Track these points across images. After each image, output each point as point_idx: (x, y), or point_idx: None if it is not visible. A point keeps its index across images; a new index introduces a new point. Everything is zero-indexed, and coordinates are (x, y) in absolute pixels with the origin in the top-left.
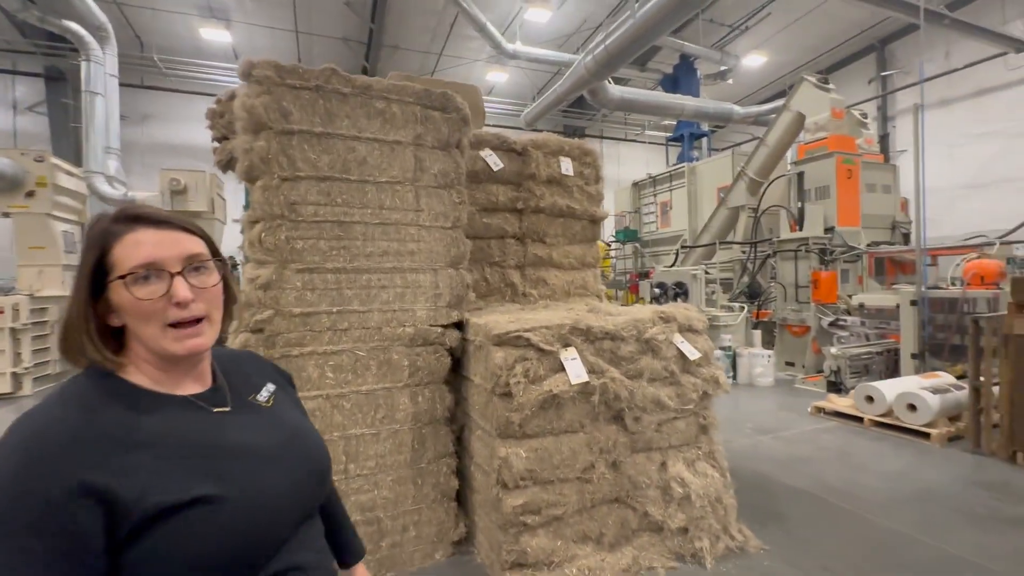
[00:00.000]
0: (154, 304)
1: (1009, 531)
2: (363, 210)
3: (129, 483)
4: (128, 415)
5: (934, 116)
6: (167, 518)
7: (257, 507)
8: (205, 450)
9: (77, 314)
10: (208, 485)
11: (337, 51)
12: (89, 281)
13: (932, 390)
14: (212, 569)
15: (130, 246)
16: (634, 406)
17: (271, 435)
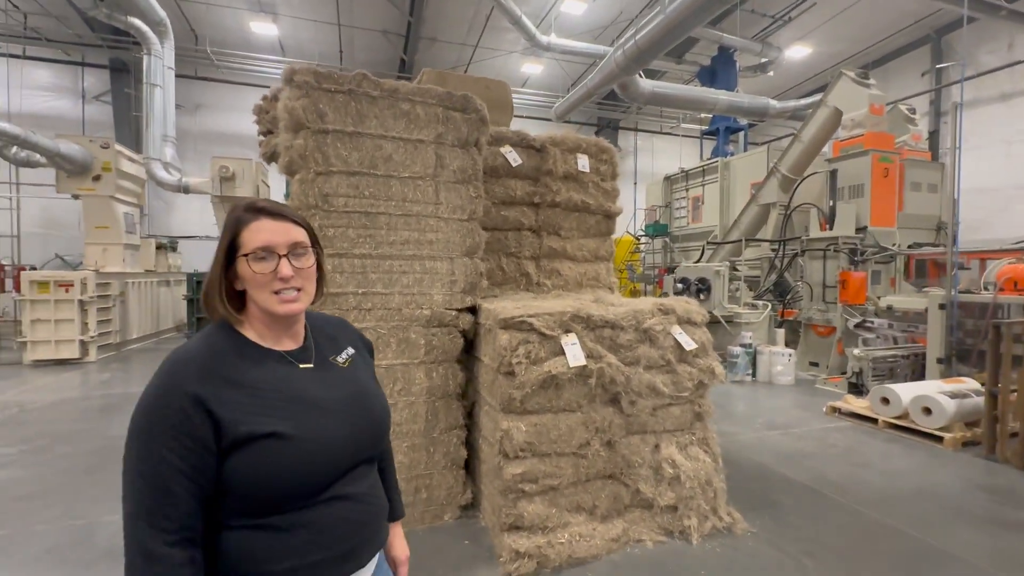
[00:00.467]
0: (265, 277)
1: (1002, 533)
2: (388, 202)
3: (227, 411)
4: (237, 361)
5: (992, 111)
6: (250, 443)
7: (316, 447)
8: (284, 397)
9: (214, 279)
10: (281, 424)
11: (377, 43)
12: (224, 255)
13: (950, 394)
14: (279, 488)
15: (253, 231)
16: (630, 390)
17: (339, 391)
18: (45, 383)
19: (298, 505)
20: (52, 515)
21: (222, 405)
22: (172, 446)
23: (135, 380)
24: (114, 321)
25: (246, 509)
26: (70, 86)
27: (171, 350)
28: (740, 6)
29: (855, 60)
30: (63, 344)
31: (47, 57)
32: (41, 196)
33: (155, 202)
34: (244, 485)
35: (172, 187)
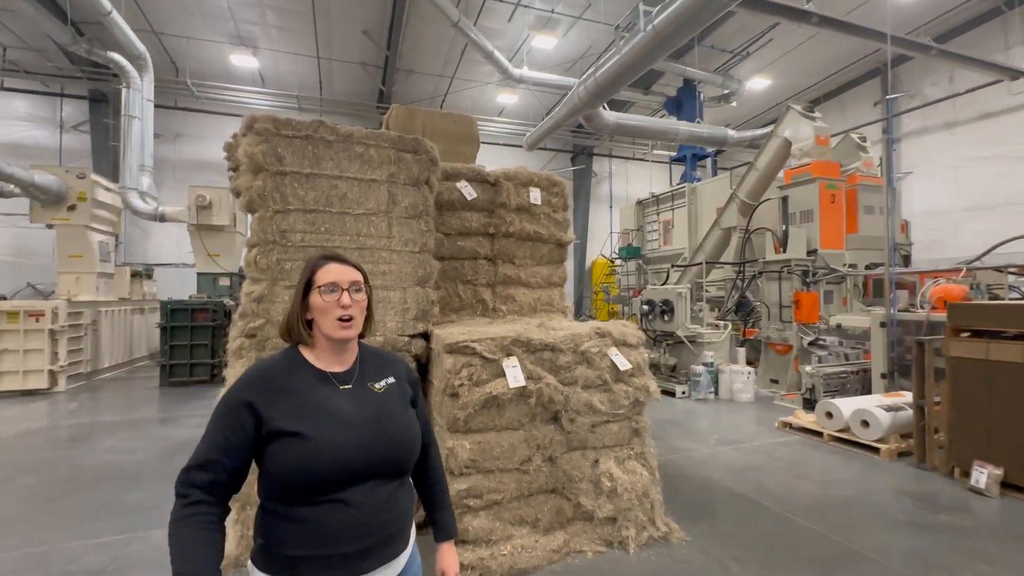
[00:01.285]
0: (331, 305)
1: (916, 534)
2: (343, 237)
3: (269, 410)
4: (290, 374)
5: (939, 139)
6: (280, 437)
7: (327, 450)
8: (316, 407)
9: (294, 309)
10: (305, 427)
11: (355, 75)
12: (303, 290)
13: (886, 408)
14: (294, 479)
15: (324, 272)
16: (569, 409)
17: (365, 410)
18: (11, 414)
19: (308, 500)
20: (11, 543)
21: (267, 407)
22: (222, 427)
23: (104, 410)
24: (85, 350)
25: (273, 493)
26: (48, 116)
27: None
28: (699, 43)
29: (813, 90)
30: (31, 374)
31: (25, 88)
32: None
33: (131, 229)
34: (272, 469)
35: (148, 216)
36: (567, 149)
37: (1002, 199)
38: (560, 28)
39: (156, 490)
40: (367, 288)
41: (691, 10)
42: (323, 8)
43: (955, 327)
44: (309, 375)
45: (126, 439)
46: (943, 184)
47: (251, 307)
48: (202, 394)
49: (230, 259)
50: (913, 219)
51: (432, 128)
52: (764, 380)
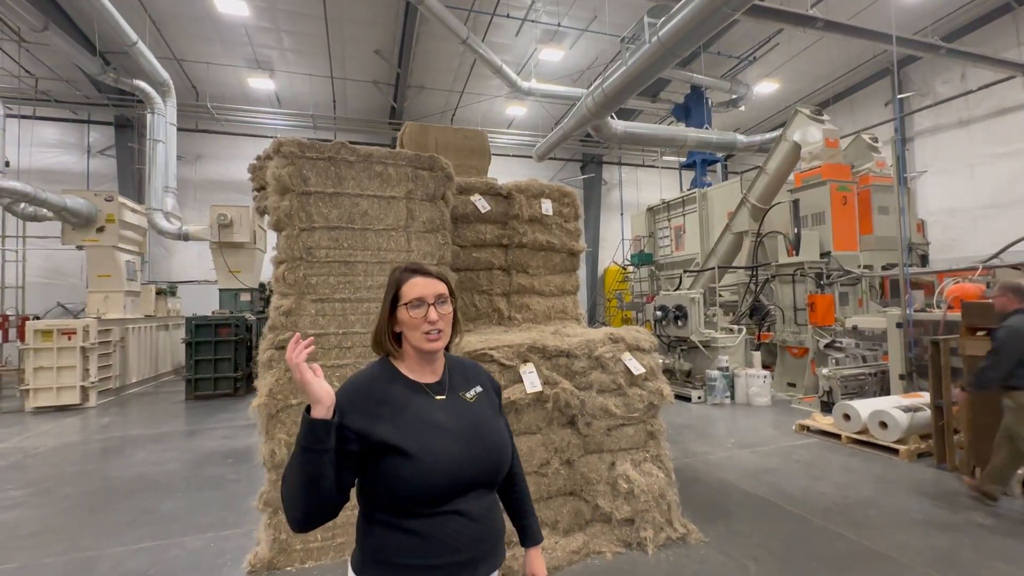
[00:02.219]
0: (418, 320)
1: (934, 534)
2: (364, 252)
3: (372, 422)
4: (387, 386)
5: (953, 136)
6: (382, 453)
7: (434, 464)
8: (417, 419)
9: (382, 324)
10: (409, 442)
11: (368, 93)
12: (390, 304)
13: (905, 409)
14: (402, 493)
15: (410, 287)
16: (585, 413)
17: (462, 420)
18: (47, 429)
19: (421, 512)
20: (59, 549)
21: (370, 419)
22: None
23: (133, 424)
24: (114, 366)
25: (384, 506)
26: (75, 142)
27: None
28: (705, 50)
29: (822, 93)
30: (64, 390)
31: (55, 116)
32: (45, 248)
33: (156, 249)
34: (380, 485)
35: (172, 235)
36: (577, 158)
37: (1021, 195)
38: (567, 41)
39: (188, 498)
40: (452, 300)
41: (695, 22)
42: (337, 31)
43: (969, 326)
44: (404, 386)
45: (156, 451)
46: (959, 182)
47: (280, 320)
48: (226, 407)
49: (251, 275)
50: (930, 218)
51: (445, 143)
52: (781, 383)
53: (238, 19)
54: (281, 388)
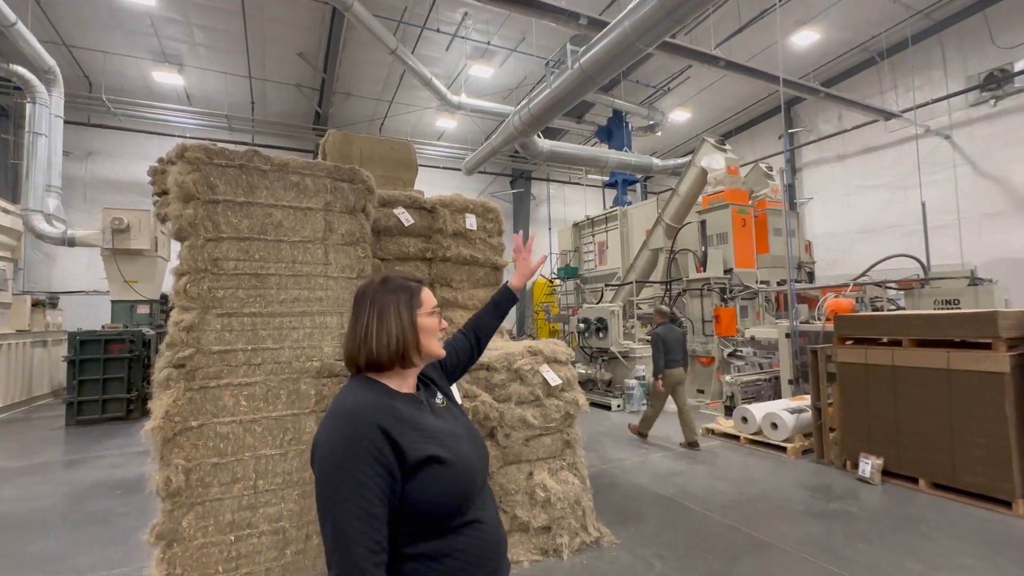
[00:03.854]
0: (435, 327)
1: (811, 522)
2: (278, 264)
3: (402, 440)
4: (392, 401)
5: (832, 169)
6: (422, 467)
7: (464, 468)
8: (434, 429)
9: (406, 334)
10: (439, 450)
11: (291, 96)
12: (411, 312)
13: (791, 411)
14: (442, 506)
15: (427, 295)
16: (504, 424)
17: (458, 424)
18: None
19: (451, 528)
20: None
21: (399, 435)
22: (370, 473)
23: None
24: None
25: (420, 532)
26: None
27: (336, 400)
28: (625, 78)
29: (727, 123)
30: None
31: None
32: None
33: (33, 254)
34: (420, 504)
35: (55, 240)
36: (507, 173)
37: (886, 222)
38: (496, 59)
39: (65, 538)
40: None
41: (612, 53)
42: (256, 30)
43: (841, 336)
44: (403, 400)
45: (26, 485)
46: (839, 209)
47: (180, 336)
48: (116, 432)
49: (150, 285)
50: (815, 240)
51: (370, 154)
52: (691, 390)
53: (141, 7)
54: (179, 409)
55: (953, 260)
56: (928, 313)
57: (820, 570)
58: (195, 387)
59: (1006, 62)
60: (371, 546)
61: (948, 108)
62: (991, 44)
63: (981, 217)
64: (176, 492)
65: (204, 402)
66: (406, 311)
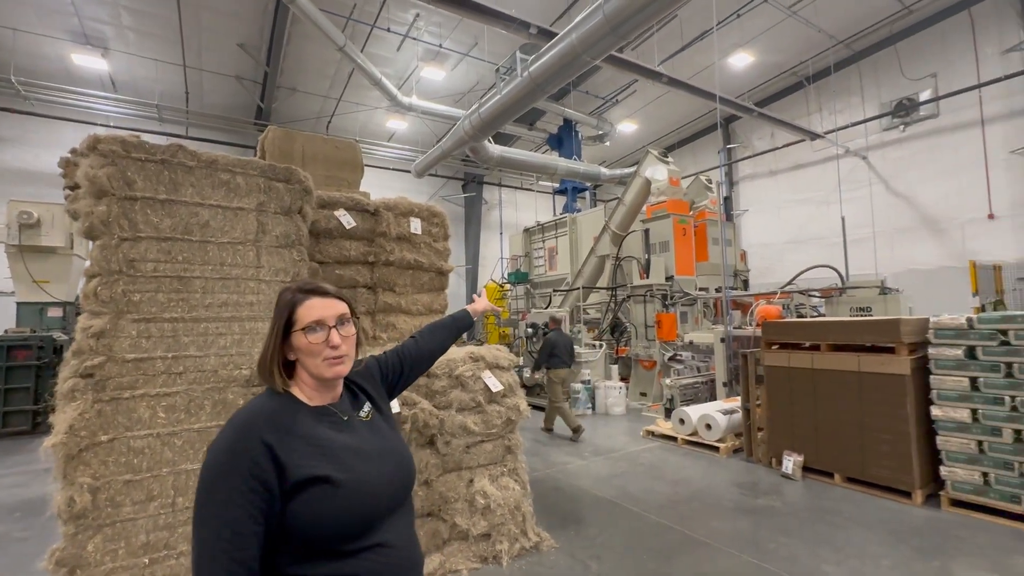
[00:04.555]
0: (319, 346)
1: (739, 518)
2: (204, 266)
3: (288, 456)
4: (293, 416)
5: (765, 184)
6: (308, 486)
7: (359, 490)
8: (334, 446)
9: (271, 351)
10: (333, 469)
11: (230, 88)
12: (282, 330)
13: (724, 412)
14: (332, 528)
15: (307, 308)
16: (444, 432)
17: (373, 440)
18: None
19: (345, 551)
20: None
21: (284, 451)
22: (244, 490)
23: None
24: None
25: (304, 554)
26: None
27: (237, 410)
28: (575, 88)
29: (672, 136)
30: None
31: None
32: None
33: None
34: (303, 527)
35: None
36: (459, 176)
37: (813, 234)
38: (449, 62)
39: None
40: (355, 319)
41: (560, 64)
42: (192, 17)
43: (767, 341)
44: (308, 414)
45: None
46: (771, 221)
47: (89, 344)
48: (19, 448)
49: (63, 286)
50: (750, 249)
51: (313, 153)
52: (635, 393)
53: None
54: (86, 423)
55: (869, 270)
56: (842, 320)
57: (746, 564)
58: (105, 398)
59: (913, 92)
60: (231, 567)
61: (865, 131)
62: (901, 75)
63: (893, 232)
64: (80, 514)
65: (116, 414)
66: (279, 328)
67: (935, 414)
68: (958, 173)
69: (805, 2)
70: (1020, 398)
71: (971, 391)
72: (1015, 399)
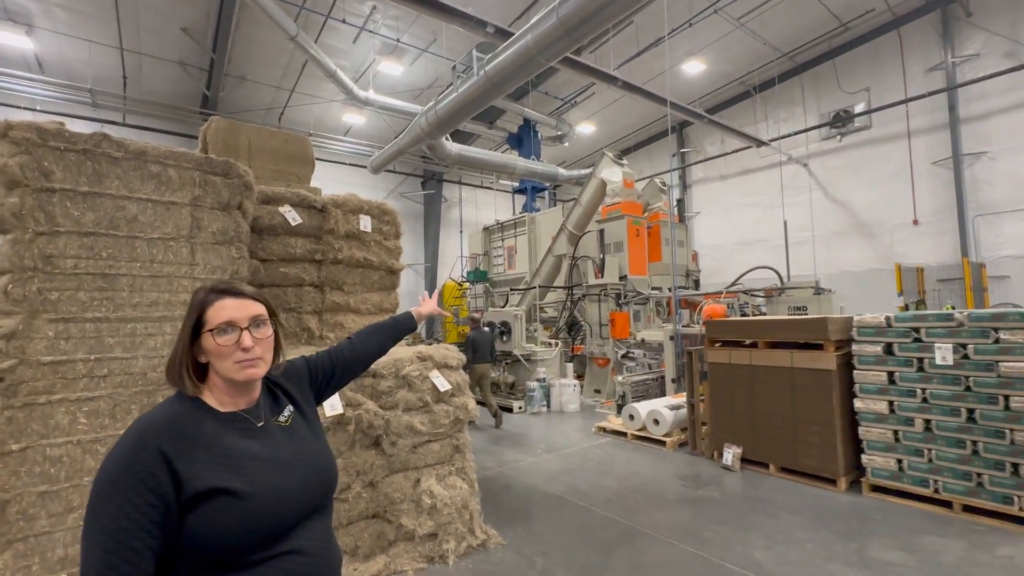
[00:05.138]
0: (229, 348)
1: (681, 508)
2: (131, 263)
3: (187, 467)
4: (197, 424)
5: (716, 187)
6: (207, 499)
7: (268, 501)
8: (240, 455)
9: (180, 354)
10: (236, 481)
11: (173, 73)
12: (190, 332)
13: (671, 407)
14: (234, 542)
15: (217, 309)
16: (390, 432)
17: (289, 447)
18: None
19: (252, 560)
20: None
21: (183, 461)
22: (136, 502)
23: None
24: None
25: (206, 567)
26: None
27: (137, 418)
28: (535, 88)
29: (629, 139)
30: None
31: None
32: None
33: None
34: (201, 540)
35: None
36: (418, 174)
37: (759, 237)
38: (407, 57)
39: None
40: (273, 320)
41: (516, 64)
42: None
43: (711, 339)
44: (216, 421)
45: None
46: (721, 223)
47: None
48: None
49: None
50: (702, 250)
51: (260, 146)
52: (589, 391)
53: None
54: None
55: (809, 272)
56: (777, 319)
57: (684, 553)
58: (17, 404)
59: (849, 104)
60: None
61: (806, 140)
62: (838, 88)
63: (830, 235)
64: None
65: (29, 421)
66: (187, 330)
67: (857, 406)
68: (888, 181)
69: (752, 15)
70: (930, 390)
71: (888, 384)
72: (925, 391)
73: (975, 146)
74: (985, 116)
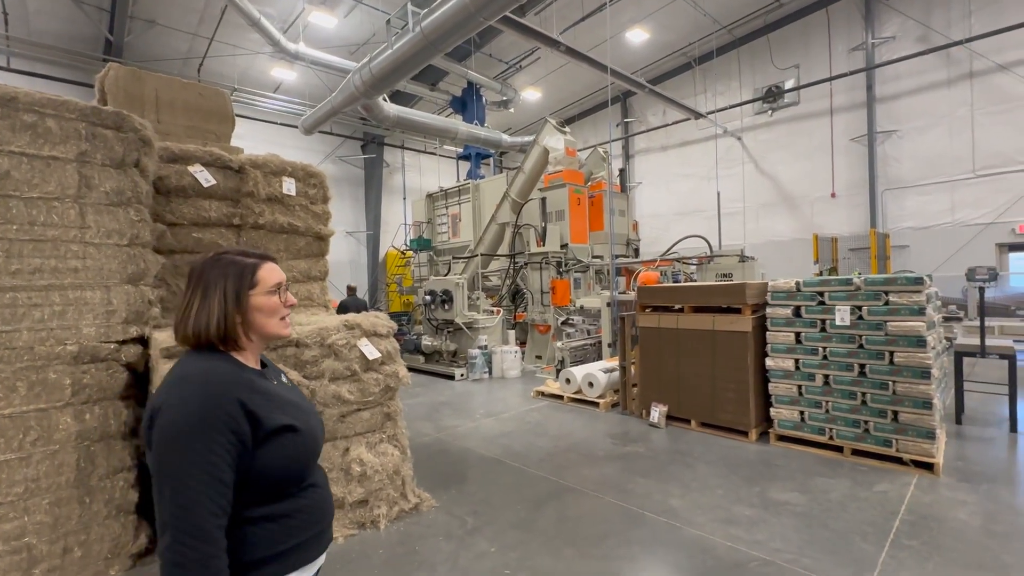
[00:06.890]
0: (277, 306)
1: (608, 464)
2: (7, 226)
3: (258, 409)
4: (245, 374)
5: (656, 158)
6: (276, 435)
7: (310, 438)
8: (284, 401)
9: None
10: (292, 419)
11: (67, 14)
12: (236, 293)
13: (605, 371)
14: (297, 467)
15: (267, 271)
16: (316, 402)
17: (301, 398)
18: None
19: (292, 492)
20: None
21: (255, 405)
22: (222, 441)
23: None
24: None
25: (265, 496)
26: None
27: (183, 368)
28: (478, 50)
29: (575, 107)
30: None
31: None
32: None
33: None
34: (270, 471)
35: None
36: (357, 136)
37: (695, 207)
38: (341, 8)
39: None
40: None
41: (452, 21)
42: None
43: (642, 304)
44: (252, 373)
45: None
46: (661, 193)
47: None
48: None
49: None
50: (643, 220)
51: (170, 99)
52: (531, 357)
53: None
54: None
55: (739, 241)
56: (701, 285)
57: (607, 504)
58: None
59: (780, 80)
60: (215, 509)
61: (740, 114)
62: (771, 64)
63: (759, 207)
64: None
65: None
66: (233, 291)
67: (768, 365)
68: (811, 156)
69: None
70: (830, 348)
71: (795, 344)
72: (826, 349)
73: (887, 124)
74: (896, 96)
